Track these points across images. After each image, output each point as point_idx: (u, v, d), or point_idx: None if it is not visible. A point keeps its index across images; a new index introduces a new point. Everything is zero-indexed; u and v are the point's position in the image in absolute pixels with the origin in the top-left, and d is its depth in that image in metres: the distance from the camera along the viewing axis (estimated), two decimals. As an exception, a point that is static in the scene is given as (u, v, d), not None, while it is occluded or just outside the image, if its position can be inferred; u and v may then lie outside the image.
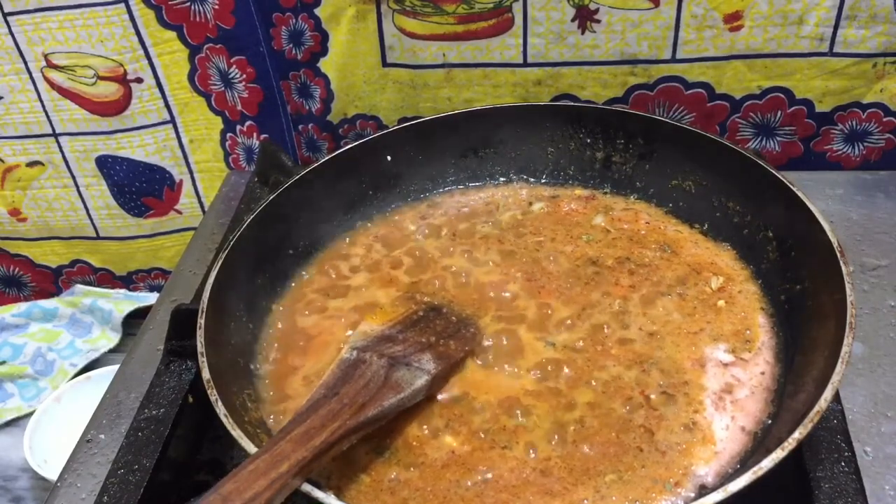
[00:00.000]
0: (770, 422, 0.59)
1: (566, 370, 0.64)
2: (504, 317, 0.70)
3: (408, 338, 0.65)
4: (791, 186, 0.68)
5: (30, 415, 1.03)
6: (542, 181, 0.86)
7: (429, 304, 0.70)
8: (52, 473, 0.93)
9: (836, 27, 0.89)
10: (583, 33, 0.93)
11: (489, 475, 0.57)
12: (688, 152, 0.78)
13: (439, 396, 0.63)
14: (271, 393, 0.65)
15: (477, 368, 0.65)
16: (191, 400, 0.67)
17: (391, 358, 0.61)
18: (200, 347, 0.60)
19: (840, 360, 0.53)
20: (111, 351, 1.15)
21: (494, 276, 0.74)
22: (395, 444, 0.60)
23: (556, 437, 0.59)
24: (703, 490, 0.55)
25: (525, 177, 0.86)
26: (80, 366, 1.13)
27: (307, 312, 0.73)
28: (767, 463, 0.48)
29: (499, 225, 0.81)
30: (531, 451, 0.58)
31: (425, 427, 0.61)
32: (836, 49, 0.91)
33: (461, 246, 0.78)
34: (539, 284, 0.73)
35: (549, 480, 0.56)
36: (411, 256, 0.78)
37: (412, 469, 0.58)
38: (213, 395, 0.56)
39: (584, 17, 0.92)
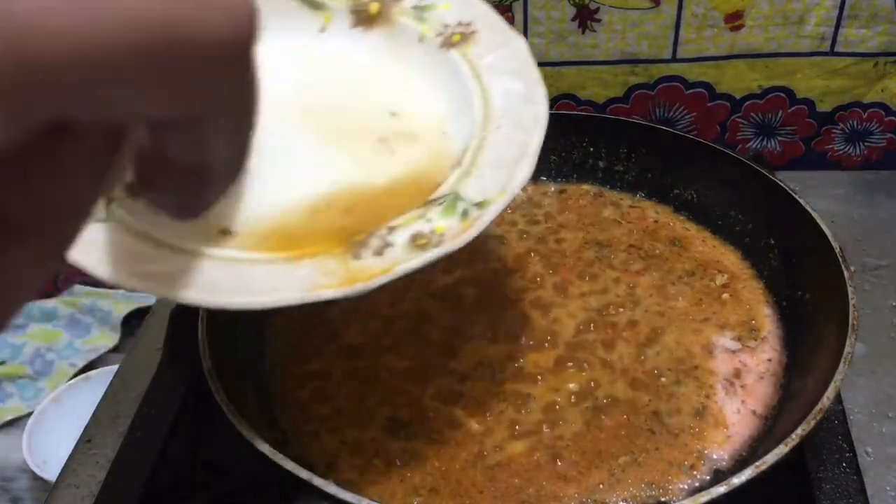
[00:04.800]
0: (780, 406, 0.60)
1: (576, 350, 0.65)
2: (527, 286, 0.72)
3: None
4: (793, 194, 0.68)
5: (29, 415, 1.02)
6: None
7: None
8: (51, 474, 0.93)
9: (837, 27, 0.89)
10: (583, 33, 0.93)
11: (500, 457, 0.57)
12: (690, 162, 0.79)
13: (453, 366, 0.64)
14: (275, 387, 0.65)
15: (490, 340, 0.67)
16: (191, 400, 0.67)
17: None
18: (202, 337, 0.60)
19: (842, 360, 0.53)
20: (110, 351, 1.15)
21: (514, 252, 0.76)
22: (413, 415, 0.61)
23: (567, 416, 0.60)
24: (719, 474, 0.55)
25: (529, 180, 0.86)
26: (80, 366, 1.13)
27: (316, 306, 0.72)
28: (770, 458, 0.49)
29: (512, 212, 0.82)
30: (541, 431, 0.59)
31: (440, 397, 0.62)
32: (837, 49, 0.91)
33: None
34: (556, 262, 0.75)
35: (562, 465, 0.57)
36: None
37: (425, 448, 0.58)
38: (215, 384, 0.56)
39: (585, 17, 0.92)
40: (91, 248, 0.46)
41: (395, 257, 0.47)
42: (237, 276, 0.47)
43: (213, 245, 0.48)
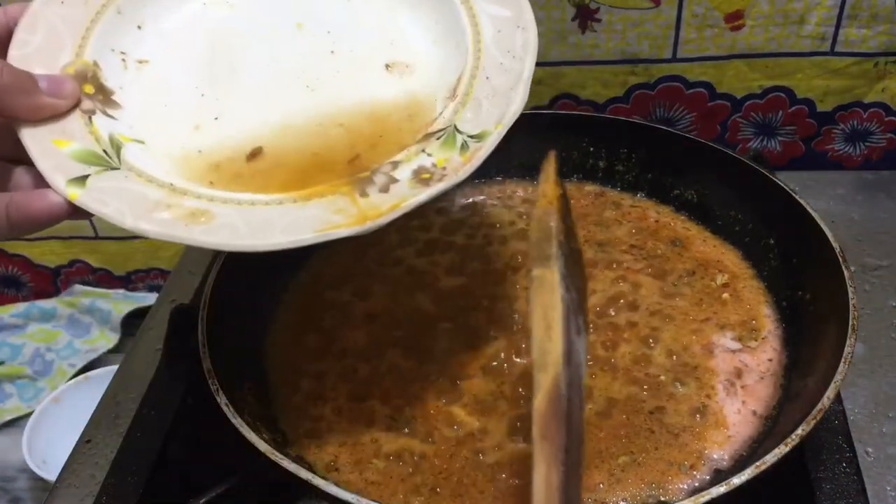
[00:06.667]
0: (780, 406, 0.60)
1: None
2: (527, 286, 0.70)
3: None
4: (793, 194, 0.69)
5: (28, 415, 1.02)
6: (547, 183, 0.86)
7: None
8: (50, 474, 0.93)
9: (837, 26, 0.89)
10: (583, 33, 0.93)
11: (500, 457, 0.57)
12: (690, 162, 0.79)
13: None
14: (275, 388, 0.65)
15: (490, 340, 0.66)
16: (191, 400, 0.67)
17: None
18: (202, 338, 0.59)
19: (843, 360, 0.53)
20: (110, 351, 1.15)
21: (515, 252, 0.75)
22: (414, 414, 0.61)
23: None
24: (719, 474, 0.55)
25: (529, 179, 0.86)
26: (79, 366, 1.13)
27: (316, 307, 0.72)
28: (770, 458, 0.49)
29: (511, 211, 0.82)
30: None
31: (440, 397, 0.62)
32: (838, 48, 0.91)
33: (478, 226, 0.79)
34: None
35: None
36: (427, 242, 0.78)
37: (425, 448, 0.58)
38: (214, 384, 0.56)
39: (585, 17, 0.91)
40: (108, 197, 0.47)
41: (401, 193, 0.48)
42: (251, 218, 0.48)
43: (225, 188, 0.50)
